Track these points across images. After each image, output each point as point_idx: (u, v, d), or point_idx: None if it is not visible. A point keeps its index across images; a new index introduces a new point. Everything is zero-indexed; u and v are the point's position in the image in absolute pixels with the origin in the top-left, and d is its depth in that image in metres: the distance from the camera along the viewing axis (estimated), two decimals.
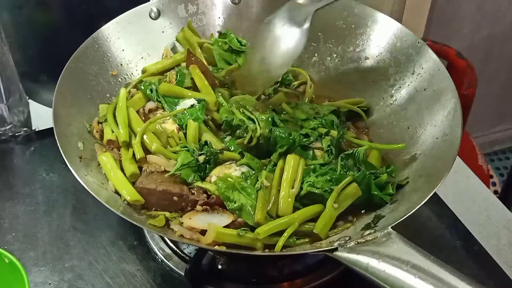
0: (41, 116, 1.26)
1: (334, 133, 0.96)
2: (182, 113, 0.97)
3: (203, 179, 0.89)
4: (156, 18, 1.11)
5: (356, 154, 0.91)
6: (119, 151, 0.94)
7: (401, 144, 0.94)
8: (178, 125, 0.96)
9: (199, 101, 0.98)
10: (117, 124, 0.95)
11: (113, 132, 0.95)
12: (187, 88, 1.03)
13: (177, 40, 1.14)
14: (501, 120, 2.74)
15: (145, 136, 0.94)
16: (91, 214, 1.06)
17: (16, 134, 1.22)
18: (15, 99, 1.20)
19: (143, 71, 1.09)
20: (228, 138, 0.96)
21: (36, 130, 1.24)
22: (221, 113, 0.98)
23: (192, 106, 0.98)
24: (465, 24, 2.27)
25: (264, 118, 0.94)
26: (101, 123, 0.98)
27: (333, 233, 0.84)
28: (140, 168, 0.91)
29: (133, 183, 0.88)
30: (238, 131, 0.95)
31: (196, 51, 1.10)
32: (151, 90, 1.02)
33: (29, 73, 1.28)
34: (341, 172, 0.88)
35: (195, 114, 0.96)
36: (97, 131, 0.96)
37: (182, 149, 0.90)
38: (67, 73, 0.96)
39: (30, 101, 1.25)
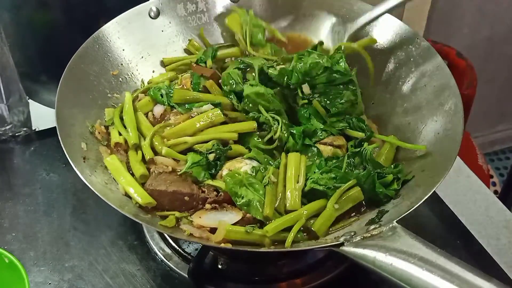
0: (41, 116, 1.26)
1: (361, 135, 0.96)
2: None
3: (213, 176, 0.89)
4: (155, 17, 1.11)
5: (363, 152, 0.90)
6: (126, 153, 0.94)
7: (421, 145, 0.93)
8: None
9: (215, 105, 0.96)
10: (125, 127, 0.95)
11: (120, 135, 0.95)
12: (199, 91, 1.01)
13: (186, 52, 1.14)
14: (501, 120, 2.74)
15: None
16: (91, 214, 1.06)
17: (16, 134, 1.23)
18: (15, 99, 1.20)
19: (149, 83, 1.09)
20: None
21: (36, 130, 1.24)
22: (247, 107, 0.96)
23: None
24: (465, 24, 2.27)
25: (286, 122, 0.95)
26: (105, 126, 0.98)
27: (337, 228, 0.84)
28: (148, 170, 0.91)
29: (142, 185, 0.88)
30: (264, 126, 0.95)
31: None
32: (162, 95, 1.00)
33: (29, 73, 1.28)
34: (346, 170, 0.87)
35: None
36: (99, 133, 0.96)
37: None
38: (69, 73, 0.96)
39: (30, 101, 1.25)
